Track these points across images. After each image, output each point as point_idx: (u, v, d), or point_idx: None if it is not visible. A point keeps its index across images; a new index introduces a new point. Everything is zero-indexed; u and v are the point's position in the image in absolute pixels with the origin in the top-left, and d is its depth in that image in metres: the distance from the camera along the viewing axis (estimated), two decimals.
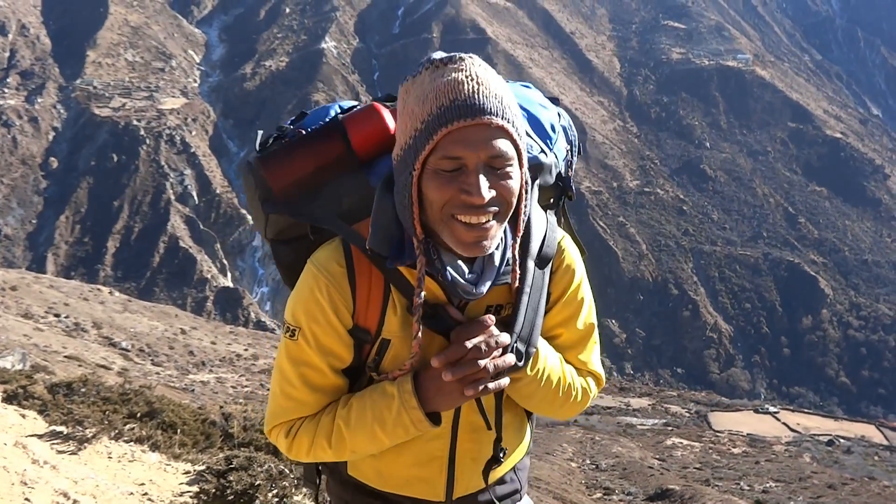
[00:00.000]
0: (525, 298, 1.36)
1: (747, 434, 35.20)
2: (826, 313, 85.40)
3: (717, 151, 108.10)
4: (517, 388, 1.41)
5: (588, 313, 1.51)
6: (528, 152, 1.37)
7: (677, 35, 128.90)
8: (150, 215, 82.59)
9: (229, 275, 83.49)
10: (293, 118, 1.51)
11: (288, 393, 1.39)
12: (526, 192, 1.30)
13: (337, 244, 1.38)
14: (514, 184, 1.24)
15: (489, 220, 1.23)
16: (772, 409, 46.03)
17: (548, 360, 1.42)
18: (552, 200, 1.53)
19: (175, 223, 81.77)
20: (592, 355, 1.54)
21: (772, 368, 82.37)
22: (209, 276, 78.82)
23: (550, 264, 1.43)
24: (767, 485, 21.33)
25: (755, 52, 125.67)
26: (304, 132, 1.42)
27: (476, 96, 1.19)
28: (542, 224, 1.42)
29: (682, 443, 29.31)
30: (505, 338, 1.31)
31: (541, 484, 14.57)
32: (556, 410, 1.50)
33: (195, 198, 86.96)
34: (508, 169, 1.22)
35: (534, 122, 1.50)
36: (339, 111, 1.47)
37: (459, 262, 1.30)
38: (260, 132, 1.47)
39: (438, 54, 1.25)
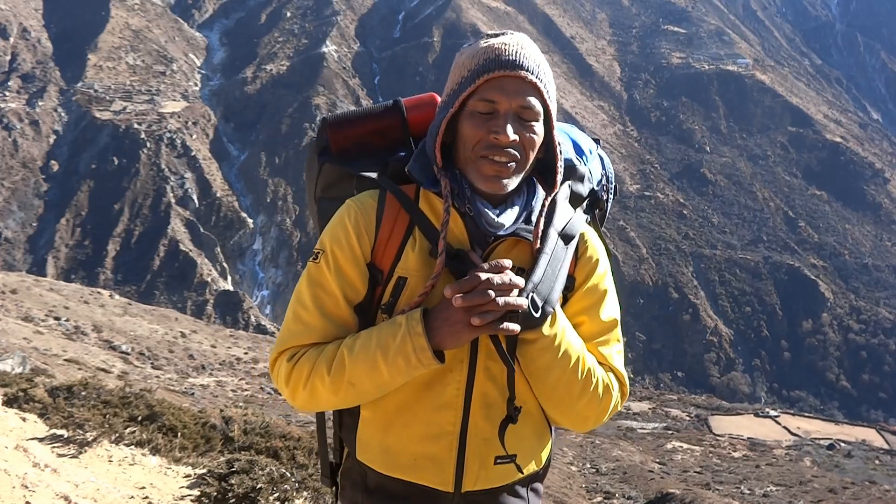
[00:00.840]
0: (545, 258, 1.42)
1: (748, 438, 35.16)
2: (826, 317, 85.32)
3: (717, 155, 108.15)
4: (533, 355, 1.41)
5: (612, 306, 1.56)
6: (563, 155, 1.54)
7: (677, 39, 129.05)
8: (151, 218, 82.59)
9: (229, 278, 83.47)
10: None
11: (300, 316, 1.45)
12: (559, 147, 1.49)
13: (374, 191, 1.51)
14: (537, 137, 1.42)
15: (510, 162, 1.39)
16: (772, 412, 45.95)
17: (566, 332, 1.44)
18: (584, 209, 1.61)
19: (175, 226, 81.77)
20: (615, 353, 1.54)
21: (772, 372, 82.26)
22: (209, 280, 78.79)
23: (576, 248, 1.50)
24: (768, 489, 21.29)
25: (755, 57, 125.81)
26: (369, 106, 1.61)
27: (517, 56, 1.40)
28: (569, 211, 1.52)
29: (682, 446, 29.26)
30: (519, 280, 1.35)
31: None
32: (576, 400, 1.45)
33: (196, 201, 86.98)
34: (534, 123, 1.41)
35: (572, 143, 1.65)
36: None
37: (485, 200, 1.43)
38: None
39: (492, 31, 1.48)
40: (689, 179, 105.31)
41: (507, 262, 1.36)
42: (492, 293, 1.31)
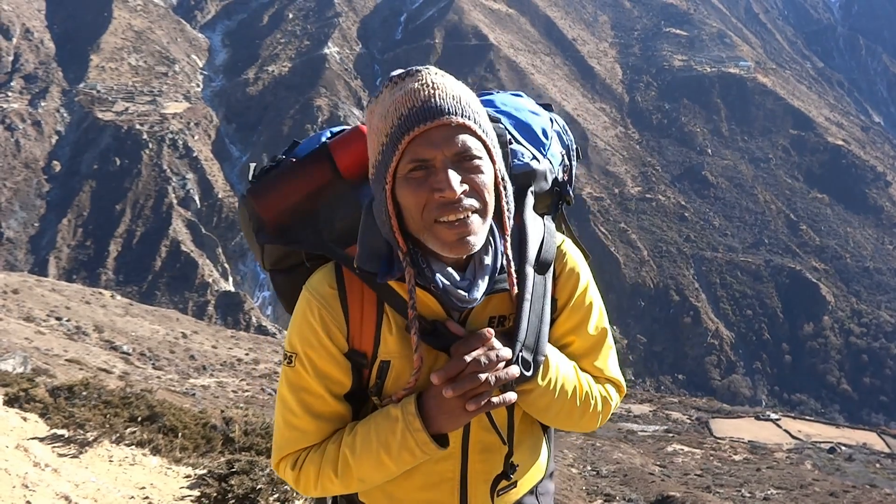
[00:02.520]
0: (527, 305, 1.32)
1: (748, 441, 35.12)
2: (827, 320, 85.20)
3: (718, 158, 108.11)
4: (530, 401, 1.37)
5: (599, 317, 1.48)
6: (519, 160, 1.41)
7: (679, 42, 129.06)
8: (152, 219, 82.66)
9: (231, 279, 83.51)
10: (286, 148, 1.50)
11: (290, 422, 1.37)
12: (504, 189, 1.30)
13: (329, 267, 1.39)
14: (486, 178, 1.25)
15: (468, 216, 1.23)
16: (773, 415, 45.89)
17: (560, 368, 1.38)
18: (550, 206, 1.52)
19: (177, 227, 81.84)
20: (609, 361, 1.49)
21: (773, 375, 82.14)
22: (210, 281, 78.83)
23: (552, 270, 1.40)
24: (769, 492, 21.26)
25: (757, 60, 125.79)
26: (293, 161, 1.42)
27: (432, 100, 1.22)
28: (539, 229, 1.40)
29: (683, 449, 29.23)
30: (506, 351, 1.27)
31: None
32: (577, 422, 1.44)
33: (197, 202, 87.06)
34: (477, 163, 1.24)
35: (525, 128, 1.50)
36: (328, 137, 1.47)
37: (450, 269, 1.29)
38: (252, 165, 1.48)
39: (396, 72, 1.29)
40: (690, 182, 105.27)
41: (490, 332, 1.27)
42: (482, 376, 1.23)
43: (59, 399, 6.65)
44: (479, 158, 1.25)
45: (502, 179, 1.30)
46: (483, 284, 1.29)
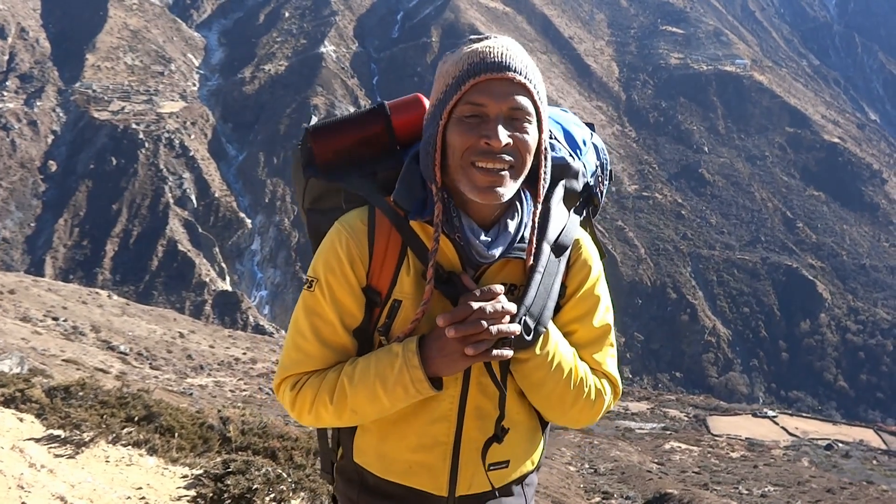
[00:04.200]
0: (538, 276, 1.40)
1: (746, 438, 35.22)
2: (824, 317, 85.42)
3: (715, 156, 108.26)
4: (526, 372, 1.42)
5: (605, 313, 1.54)
6: (556, 153, 1.51)
7: (676, 40, 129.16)
8: (149, 219, 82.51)
9: (228, 278, 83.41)
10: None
11: (299, 345, 1.45)
12: (545, 158, 1.42)
13: (364, 208, 1.48)
14: (531, 139, 1.36)
15: (504, 169, 1.34)
16: (770, 413, 46.02)
17: (559, 346, 1.44)
18: (578, 208, 1.58)
19: (174, 227, 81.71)
20: (608, 357, 1.54)
21: (770, 372, 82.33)
22: (208, 280, 78.73)
23: (567, 256, 1.48)
24: (766, 489, 21.31)
25: (753, 58, 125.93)
26: (354, 111, 1.55)
27: (503, 57, 1.35)
28: (563, 217, 1.49)
29: (680, 447, 29.28)
30: (511, 306, 1.34)
31: (539, 488, 14.56)
32: (569, 408, 1.48)
33: (194, 201, 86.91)
34: (526, 124, 1.35)
35: (566, 134, 1.61)
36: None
37: (476, 226, 1.39)
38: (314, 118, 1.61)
39: (476, 35, 1.42)
40: (687, 180, 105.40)
41: (499, 288, 1.35)
42: (484, 323, 1.30)
43: (56, 399, 6.63)
44: (529, 121, 1.35)
45: (545, 149, 1.42)
46: (503, 245, 1.38)
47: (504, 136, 1.32)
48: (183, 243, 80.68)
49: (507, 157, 1.34)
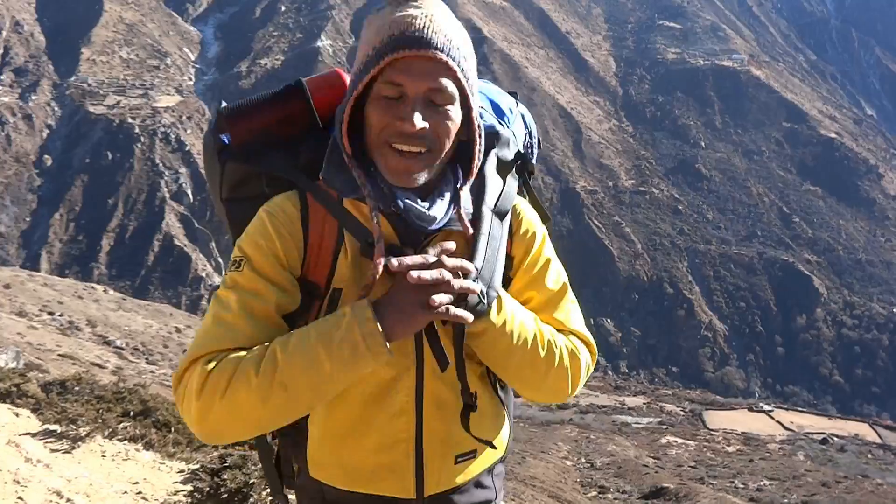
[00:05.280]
0: (483, 239, 1.31)
1: (742, 432, 35.35)
2: (820, 312, 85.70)
3: (712, 151, 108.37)
4: (489, 344, 1.31)
5: (557, 272, 1.46)
6: (485, 122, 1.43)
7: (673, 35, 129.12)
8: (145, 213, 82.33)
9: (224, 273, 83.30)
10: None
11: (222, 318, 1.26)
12: (478, 135, 1.33)
13: (292, 193, 1.35)
14: (451, 124, 1.27)
15: (420, 152, 1.25)
16: (766, 407, 46.22)
17: (516, 312, 1.34)
18: (513, 173, 1.52)
19: (170, 221, 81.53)
20: (571, 315, 1.45)
21: (766, 367, 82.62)
22: (204, 275, 78.61)
23: (509, 223, 1.40)
24: (761, 483, 21.39)
25: (750, 52, 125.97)
26: (270, 92, 1.44)
27: (425, 31, 1.23)
28: (498, 184, 1.41)
29: (676, 441, 29.39)
30: (469, 264, 1.24)
31: (536, 482, 14.59)
32: (544, 377, 1.36)
33: (190, 196, 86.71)
34: (448, 108, 1.26)
35: (492, 104, 1.56)
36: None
37: (411, 193, 1.29)
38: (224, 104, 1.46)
39: None
40: (684, 175, 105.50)
41: (452, 245, 1.25)
42: (447, 274, 1.20)
43: (52, 394, 6.61)
44: (451, 104, 1.27)
45: (478, 126, 1.33)
46: (443, 206, 1.30)
47: (420, 121, 1.23)
48: (179, 238, 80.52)
49: (424, 140, 1.25)
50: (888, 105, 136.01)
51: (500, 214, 1.38)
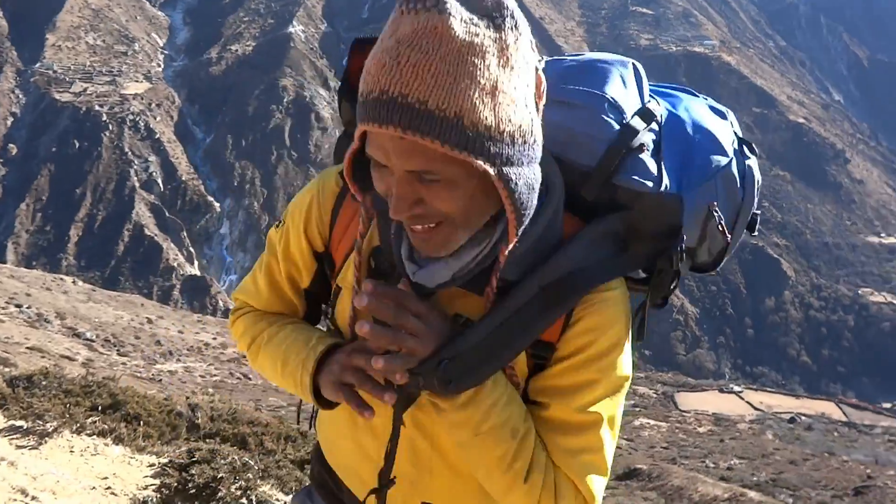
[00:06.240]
0: (495, 318, 1.01)
1: (712, 413, 35.97)
2: (788, 295, 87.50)
3: None
4: (442, 426, 1.10)
5: (596, 401, 1.08)
6: (631, 176, 1.06)
7: (645, 21, 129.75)
8: (114, 203, 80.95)
9: (196, 263, 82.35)
10: None
11: (255, 275, 1.37)
12: (515, 212, 0.94)
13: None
14: (455, 200, 0.92)
15: (435, 225, 0.96)
16: (736, 388, 47.13)
17: (499, 413, 1.03)
18: (633, 254, 1.12)
19: (140, 211, 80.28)
20: (581, 462, 1.06)
21: (736, 349, 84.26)
22: (175, 265, 77.68)
23: (567, 315, 1.05)
24: (732, 462, 21.81)
25: (721, 38, 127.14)
26: None
27: (391, 90, 0.86)
28: (580, 257, 1.05)
29: (649, 423, 29.81)
30: (416, 343, 0.98)
31: None
32: (502, 494, 1.09)
33: (160, 185, 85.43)
34: (441, 187, 0.92)
35: (684, 151, 1.17)
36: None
37: (412, 250, 1.06)
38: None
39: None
40: None
41: (406, 286, 1.03)
42: (377, 349, 0.99)
43: (18, 389, 6.50)
44: (443, 181, 0.91)
45: (513, 204, 0.93)
46: (444, 274, 1.01)
47: (405, 205, 0.92)
48: (149, 228, 79.37)
49: (429, 216, 0.95)
50: (855, 91, 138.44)
51: (553, 294, 1.02)
